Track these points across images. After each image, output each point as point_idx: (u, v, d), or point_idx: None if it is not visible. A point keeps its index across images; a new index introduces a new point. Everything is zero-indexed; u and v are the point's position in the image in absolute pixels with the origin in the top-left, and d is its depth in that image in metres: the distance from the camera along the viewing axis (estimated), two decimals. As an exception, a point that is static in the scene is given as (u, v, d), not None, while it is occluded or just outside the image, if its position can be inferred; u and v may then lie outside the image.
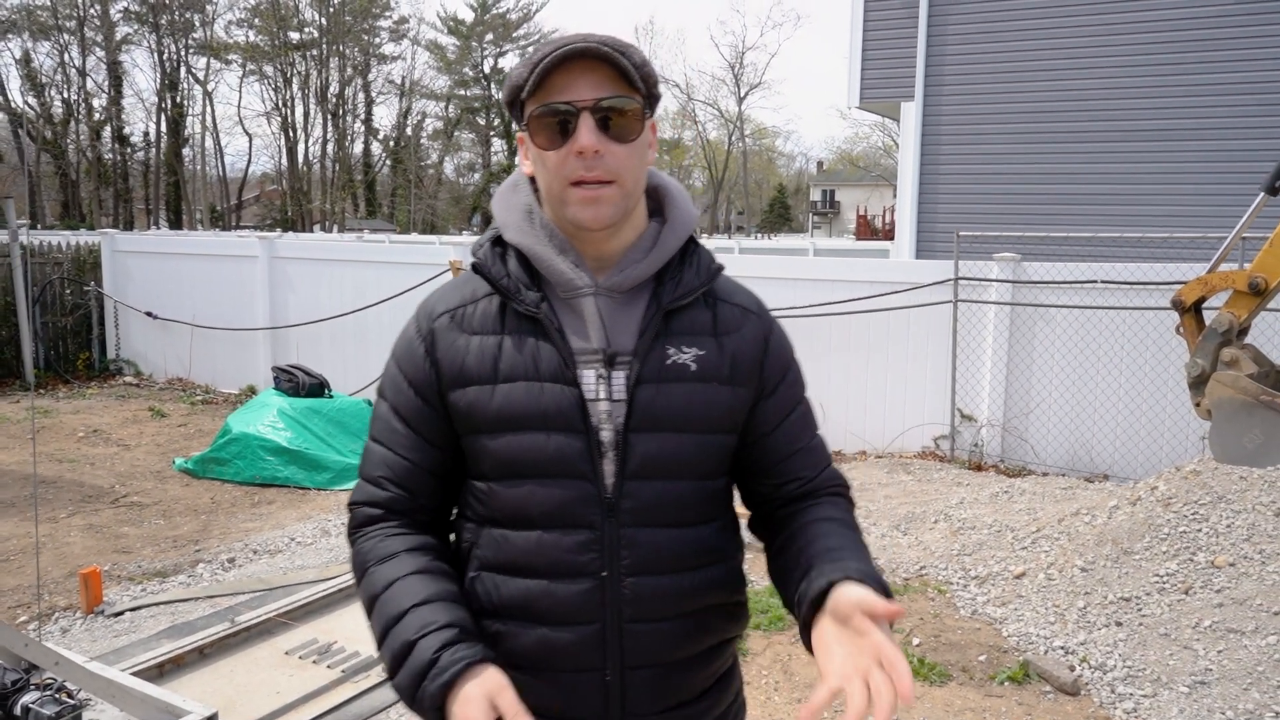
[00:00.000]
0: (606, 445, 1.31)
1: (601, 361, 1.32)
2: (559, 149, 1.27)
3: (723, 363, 1.36)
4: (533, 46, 1.26)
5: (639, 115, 1.30)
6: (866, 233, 38.11)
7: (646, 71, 1.30)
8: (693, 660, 1.37)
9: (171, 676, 3.90)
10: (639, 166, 1.32)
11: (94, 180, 42.09)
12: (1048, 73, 10.44)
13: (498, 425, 1.31)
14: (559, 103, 1.26)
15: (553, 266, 1.33)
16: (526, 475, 1.30)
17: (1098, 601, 4.55)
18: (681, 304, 1.35)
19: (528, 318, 1.33)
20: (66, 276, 11.54)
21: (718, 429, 1.35)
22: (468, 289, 1.39)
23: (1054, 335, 7.32)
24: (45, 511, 6.32)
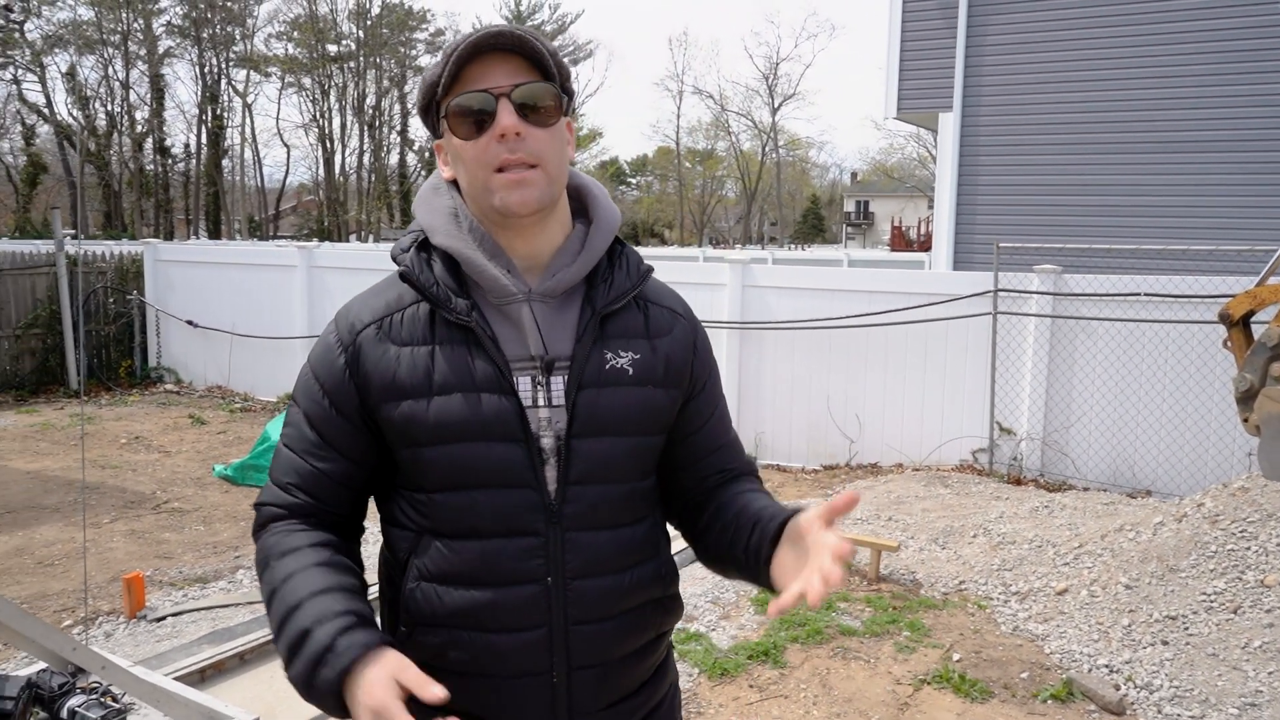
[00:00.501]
0: (548, 452, 1.31)
1: (539, 368, 1.31)
2: (479, 138, 1.27)
3: (656, 365, 1.38)
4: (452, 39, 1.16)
5: (556, 101, 1.31)
6: (901, 244, 37.89)
7: (559, 61, 1.31)
8: (633, 655, 1.39)
9: (213, 682, 3.93)
10: (560, 153, 1.32)
11: (136, 191, 42.80)
12: (1089, 82, 10.34)
13: (436, 437, 1.29)
14: (476, 90, 1.27)
15: (485, 273, 1.31)
16: (469, 485, 1.29)
17: (1143, 619, 4.47)
18: (616, 307, 1.37)
19: (459, 326, 1.31)
20: (110, 285, 11.73)
21: (653, 430, 1.39)
22: (392, 295, 1.36)
23: (1096, 348, 7.23)
24: (89, 517, 6.41)
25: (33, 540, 5.92)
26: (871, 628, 4.65)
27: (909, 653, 4.40)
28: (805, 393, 8.16)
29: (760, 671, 4.19)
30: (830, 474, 7.94)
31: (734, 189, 67.34)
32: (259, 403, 10.59)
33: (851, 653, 4.40)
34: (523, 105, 1.27)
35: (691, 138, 65.13)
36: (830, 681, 4.12)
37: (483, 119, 1.26)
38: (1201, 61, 9.82)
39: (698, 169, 65.70)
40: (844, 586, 5.26)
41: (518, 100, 1.26)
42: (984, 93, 10.88)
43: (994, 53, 10.80)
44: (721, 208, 70.67)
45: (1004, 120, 10.80)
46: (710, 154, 65.19)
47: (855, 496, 1.19)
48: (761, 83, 67.01)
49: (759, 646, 4.37)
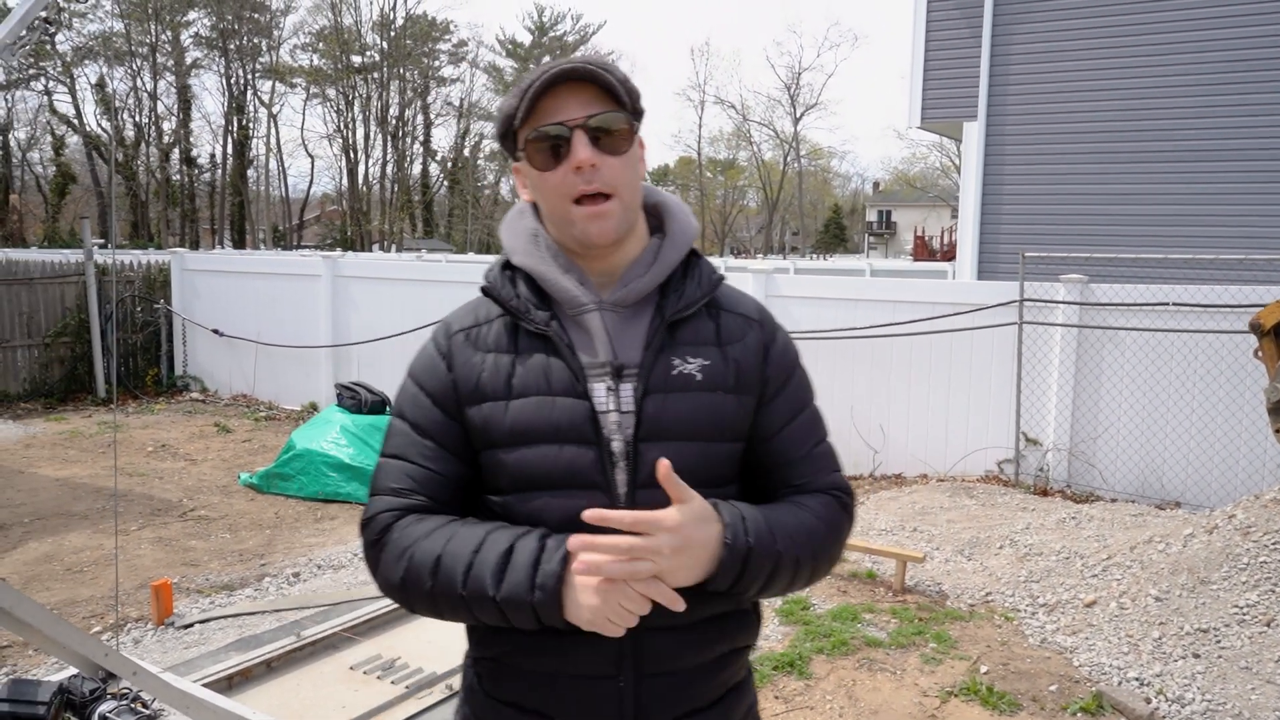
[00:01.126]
0: (618, 455, 1.33)
1: (609, 374, 1.35)
2: (556, 169, 1.33)
3: (727, 371, 1.38)
4: None
5: (628, 129, 1.36)
6: (924, 254, 37.71)
7: (630, 87, 1.36)
8: (705, 667, 1.38)
9: (240, 689, 3.95)
10: (634, 179, 1.38)
11: (162, 201, 43.29)
12: (1115, 90, 10.26)
13: (512, 440, 1.34)
14: (551, 124, 1.32)
15: (557, 285, 1.38)
16: (541, 487, 1.33)
17: (1174, 632, 4.42)
18: (684, 315, 1.39)
19: (538, 335, 1.37)
20: (137, 294, 11.86)
21: (724, 437, 1.38)
22: (481, 311, 1.45)
23: (1123, 358, 7.16)
24: (117, 524, 6.47)
25: (62, 547, 5.97)
26: (897, 639, 4.62)
27: (935, 664, 4.37)
28: (828, 402, 8.04)
29: (785, 683, 4.17)
30: (854, 484, 7.83)
31: (755, 199, 67.35)
32: (283, 411, 10.66)
33: (878, 664, 4.37)
34: (596, 135, 1.32)
35: (713, 148, 65.29)
36: (856, 693, 4.09)
37: (559, 150, 1.32)
38: (1230, 69, 9.73)
39: (719, 179, 65.74)
40: (870, 598, 5.23)
41: (592, 130, 1.31)
42: (1009, 101, 10.83)
43: (1019, 61, 10.74)
44: (743, 217, 70.65)
45: (1029, 129, 10.75)
46: (732, 164, 65.24)
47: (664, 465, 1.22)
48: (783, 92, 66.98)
49: (784, 657, 4.35)
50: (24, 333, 11.09)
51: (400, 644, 4.44)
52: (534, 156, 1.35)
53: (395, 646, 4.42)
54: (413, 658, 4.28)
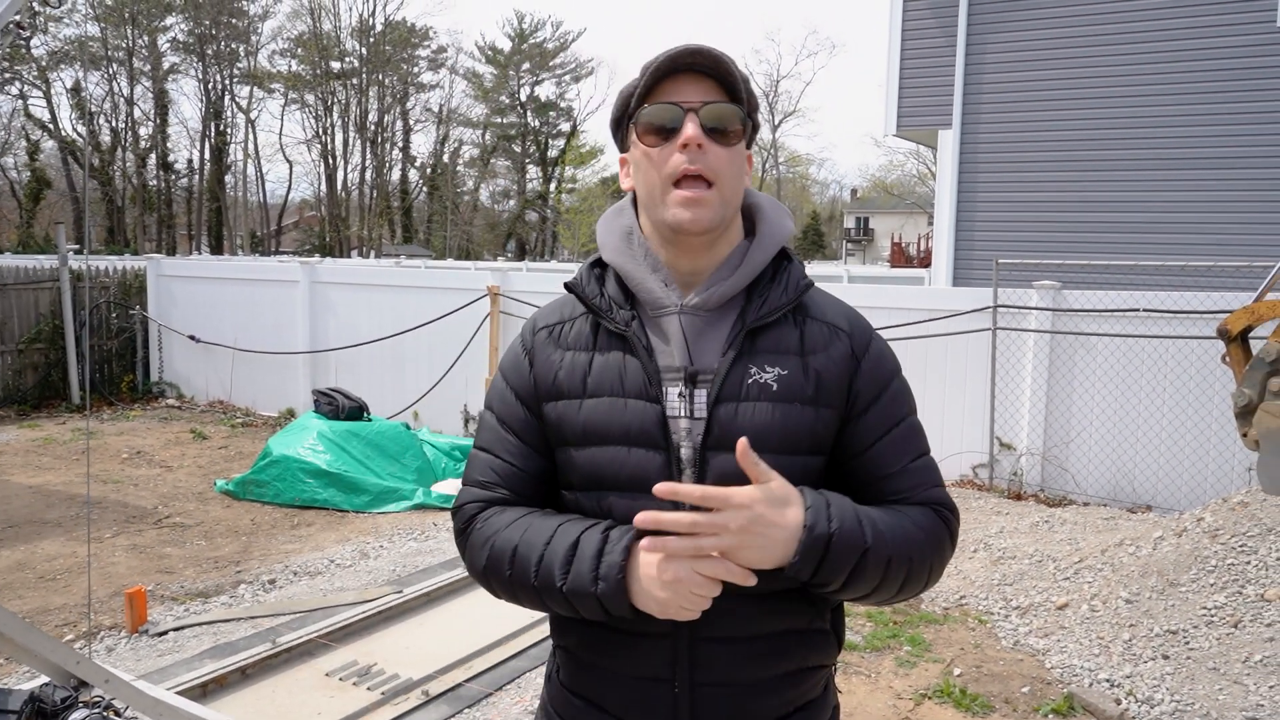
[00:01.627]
0: (685, 462, 1.32)
1: (683, 379, 1.33)
2: (664, 146, 1.33)
3: (806, 382, 1.34)
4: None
5: (740, 125, 1.35)
6: (901, 260, 37.93)
7: (750, 90, 1.37)
8: (766, 684, 1.35)
9: (215, 696, 3.94)
10: (738, 174, 1.36)
11: (139, 206, 42.96)
12: (1088, 99, 10.39)
13: (583, 439, 1.35)
14: (667, 102, 1.33)
15: (643, 284, 1.38)
16: (608, 488, 1.34)
17: (1143, 634, 4.48)
18: (766, 321, 1.36)
19: (618, 335, 1.37)
20: (113, 300, 11.77)
21: (797, 450, 1.33)
22: (566, 308, 1.46)
23: (1096, 364, 7.24)
24: (91, 531, 6.42)
25: (34, 555, 5.92)
26: (872, 643, 4.66)
27: (910, 667, 4.41)
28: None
29: (761, 686, 4.19)
30: (831, 489, 7.95)
31: (735, 205, 67.45)
32: (260, 418, 10.60)
33: (852, 668, 4.40)
34: (708, 122, 1.32)
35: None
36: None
37: (670, 131, 1.32)
38: (1201, 79, 9.88)
39: (698, 185, 65.83)
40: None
41: (704, 117, 1.32)
42: (983, 110, 10.94)
43: (993, 70, 10.86)
44: (722, 224, 70.79)
45: (1003, 137, 10.86)
46: (711, 170, 65.34)
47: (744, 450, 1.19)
48: (762, 99, 67.25)
49: (760, 661, 4.38)
50: (-4, 339, 10.98)
51: (377, 650, 4.44)
52: (644, 134, 1.34)
53: (372, 653, 4.41)
54: (389, 664, 4.28)
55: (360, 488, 7.16)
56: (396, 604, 4.89)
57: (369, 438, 7.54)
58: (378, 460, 7.48)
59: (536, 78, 56.42)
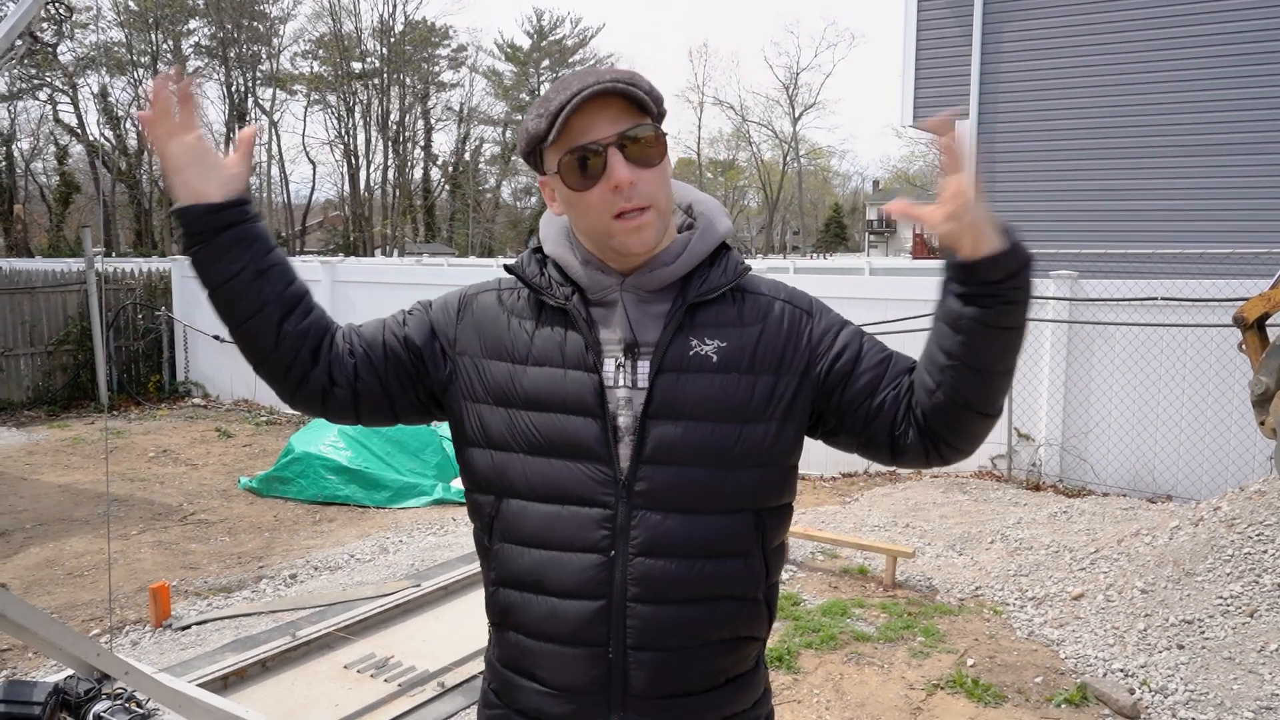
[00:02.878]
0: (623, 430, 1.37)
1: (622, 350, 1.39)
2: (593, 188, 1.34)
3: (743, 354, 1.39)
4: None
5: (658, 139, 1.37)
6: (924, 252, 37.68)
7: (656, 95, 1.37)
8: (699, 650, 1.38)
9: (235, 688, 4.02)
10: (667, 185, 1.40)
11: (166, 209, 43.39)
12: (1104, 86, 10.30)
13: (526, 404, 1.40)
14: (586, 144, 1.32)
15: (582, 273, 1.43)
16: (547, 453, 1.38)
17: (1158, 624, 4.47)
18: (706, 298, 1.40)
19: (559, 310, 1.42)
20: (139, 302, 11.94)
21: (735, 418, 1.37)
22: (509, 284, 1.51)
23: (1113, 353, 7.20)
24: (117, 529, 6.54)
25: (63, 552, 6.04)
26: (886, 633, 4.67)
27: (923, 658, 4.42)
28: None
29: (773, 677, 4.22)
30: (849, 481, 7.95)
31: (756, 199, 67.32)
32: (284, 416, 10.73)
33: (865, 658, 4.42)
34: (628, 148, 1.33)
35: (713, 148, 65.27)
36: (843, 687, 4.14)
37: (593, 168, 1.33)
38: (1217, 65, 9.77)
39: (719, 180, 65.74)
40: (860, 593, 5.28)
41: (622, 146, 1.32)
42: (1000, 99, 10.87)
43: (1009, 59, 10.79)
44: (744, 218, 70.66)
45: (1020, 126, 10.79)
46: (732, 164, 65.23)
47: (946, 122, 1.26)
48: (782, 93, 66.91)
49: (773, 652, 4.40)
50: (27, 341, 11.18)
51: (394, 643, 4.50)
52: (568, 176, 1.35)
53: (389, 646, 4.47)
54: (405, 656, 4.34)
55: (381, 484, 7.24)
56: (414, 597, 4.96)
57: (389, 434, 7.62)
58: (398, 456, 7.56)
59: (556, 74, 56.48)
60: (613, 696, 1.37)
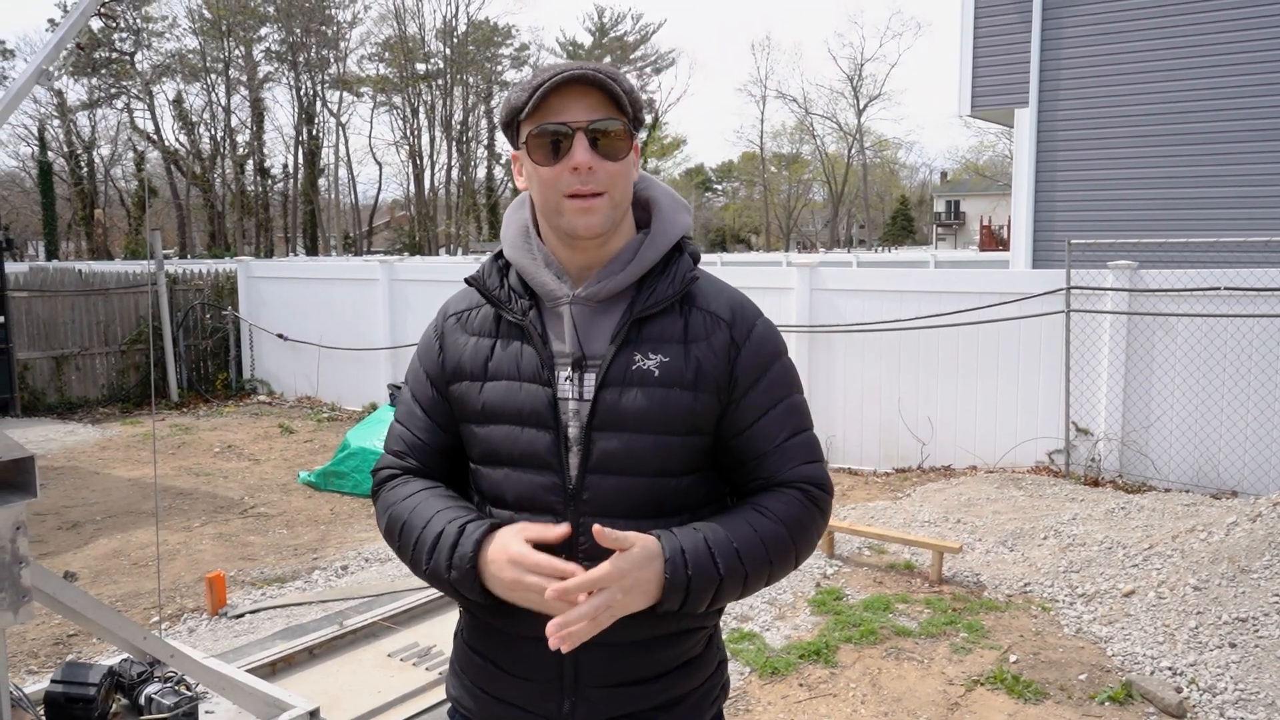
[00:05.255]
0: (573, 441, 1.43)
1: (571, 364, 1.44)
2: (554, 165, 1.39)
3: (687, 369, 1.43)
4: (532, 71, 1.36)
5: (626, 135, 1.42)
6: (991, 244, 37.03)
7: (634, 97, 1.42)
8: (646, 643, 1.44)
9: (283, 674, 4.14)
10: (626, 181, 1.44)
11: (238, 211, 44.60)
12: (1169, 71, 10.01)
13: (483, 417, 1.48)
14: (556, 123, 1.38)
15: (536, 278, 1.48)
16: (503, 463, 1.46)
17: (1211, 621, 4.35)
18: (652, 312, 1.44)
19: (516, 324, 1.48)
20: (206, 302, 12.31)
21: (676, 431, 1.42)
22: (474, 297, 1.56)
23: (1176, 345, 7.01)
24: (181, 521, 6.77)
25: (129, 543, 6.28)
26: (928, 629, 4.62)
27: (964, 654, 4.37)
28: (875, 395, 8.11)
29: (811, 671, 4.21)
30: (901, 477, 7.87)
31: (821, 193, 66.72)
32: (345, 412, 10.97)
33: (905, 653, 4.38)
34: (596, 138, 1.38)
35: (776, 142, 64.87)
36: (880, 681, 4.11)
37: (559, 148, 1.38)
38: (1292, 45, 9.42)
39: (783, 174, 65.31)
40: (905, 589, 5.24)
41: (592, 134, 1.38)
42: (1061, 86, 10.63)
43: (1071, 45, 10.54)
44: (808, 212, 70.09)
45: (1082, 114, 10.53)
46: (795, 158, 64.74)
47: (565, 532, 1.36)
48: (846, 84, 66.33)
49: (811, 646, 4.39)
50: (101, 341, 11.60)
51: (436, 633, 4.60)
52: (534, 151, 1.40)
53: (432, 635, 4.57)
54: (447, 646, 4.43)
55: (433, 478, 7.36)
56: (459, 589, 5.05)
57: (442, 429, 7.73)
58: (450, 451, 7.68)
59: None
60: (564, 684, 1.45)
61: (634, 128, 1.44)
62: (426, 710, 3.85)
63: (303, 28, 45.12)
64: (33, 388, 11.03)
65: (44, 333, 11.15)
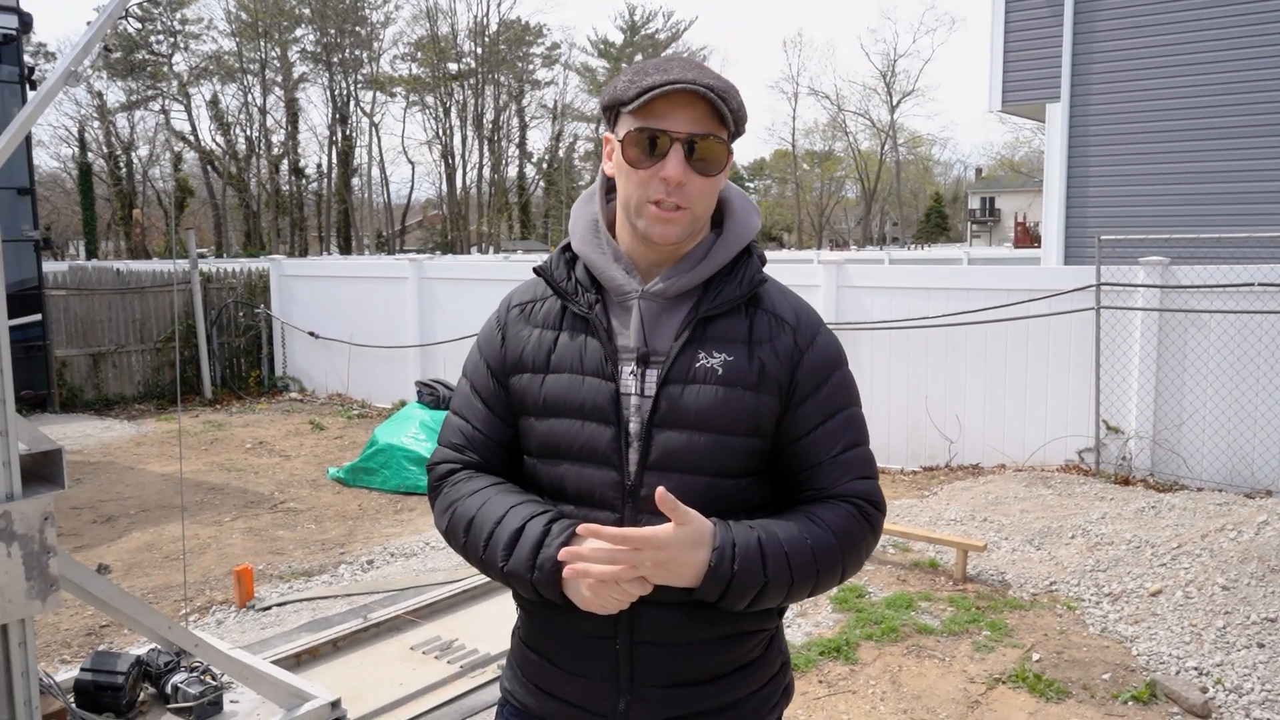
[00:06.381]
0: (633, 437, 1.42)
1: (636, 360, 1.44)
2: (647, 168, 1.38)
3: (751, 370, 1.42)
4: (642, 59, 1.36)
5: (725, 153, 1.41)
6: (1026, 240, 36.64)
7: (740, 115, 1.41)
8: (702, 645, 1.43)
9: (307, 666, 4.20)
10: (713, 197, 1.44)
11: (273, 210, 45.13)
12: (1202, 64, 9.86)
13: (543, 410, 1.47)
14: (658, 128, 1.37)
15: (606, 273, 1.47)
16: (563, 457, 1.45)
17: (1239, 621, 4.29)
18: (718, 312, 1.44)
19: (582, 317, 1.47)
20: (239, 300, 12.48)
21: (737, 431, 1.41)
22: (539, 289, 1.56)
23: (1208, 342, 6.91)
24: (212, 515, 6.87)
25: (162, 537, 6.38)
26: (950, 627, 4.60)
27: (987, 652, 4.34)
28: (903, 393, 8.06)
29: (831, 667, 4.21)
30: (929, 475, 7.81)
31: (853, 190, 66.30)
32: (375, 409, 11.07)
33: (926, 651, 4.36)
34: (692, 151, 1.37)
35: (808, 139, 64.52)
36: (901, 679, 4.10)
37: (654, 151, 1.37)
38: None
39: (815, 171, 64.97)
40: (929, 587, 5.21)
41: (689, 146, 1.37)
42: (1093, 80, 10.50)
43: (1103, 38, 10.41)
44: (841, 209, 69.68)
45: (1114, 108, 10.40)
46: (828, 155, 64.36)
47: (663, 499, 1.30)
48: (879, 80, 65.85)
49: (832, 643, 4.39)
50: (137, 338, 11.80)
51: (459, 626, 4.64)
52: (630, 148, 1.39)
53: (454, 629, 4.61)
54: (469, 639, 4.47)
55: (460, 474, 7.42)
56: (481, 584, 5.09)
57: (469, 426, 7.79)
58: (477, 448, 7.73)
59: (649, 70, 56.51)
60: (620, 683, 1.44)
61: (732, 146, 1.43)
62: (448, 703, 3.89)
63: (337, 28, 45.55)
64: (71, 384, 11.23)
65: (81, 330, 11.35)
